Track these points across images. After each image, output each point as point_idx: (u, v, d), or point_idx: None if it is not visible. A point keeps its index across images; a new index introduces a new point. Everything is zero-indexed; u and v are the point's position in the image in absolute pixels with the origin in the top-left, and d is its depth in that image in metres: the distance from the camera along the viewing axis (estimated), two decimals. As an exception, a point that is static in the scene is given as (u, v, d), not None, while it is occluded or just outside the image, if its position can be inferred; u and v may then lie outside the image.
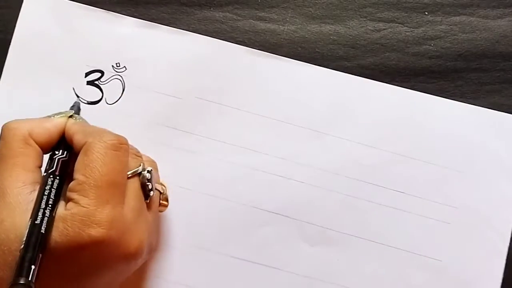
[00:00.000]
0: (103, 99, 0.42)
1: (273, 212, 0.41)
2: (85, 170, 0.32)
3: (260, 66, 0.42)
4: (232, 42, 0.42)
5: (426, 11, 0.43)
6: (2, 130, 0.35)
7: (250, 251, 0.40)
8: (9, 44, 0.42)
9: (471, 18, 0.43)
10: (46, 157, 0.36)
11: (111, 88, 0.42)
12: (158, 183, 0.37)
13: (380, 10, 0.43)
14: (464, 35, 0.42)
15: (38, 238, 0.31)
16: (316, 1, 0.43)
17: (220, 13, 0.43)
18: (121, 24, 0.42)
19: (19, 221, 0.31)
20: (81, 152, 0.33)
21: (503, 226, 0.40)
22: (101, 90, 0.42)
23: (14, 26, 0.42)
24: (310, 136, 0.41)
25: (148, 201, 0.35)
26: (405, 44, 0.42)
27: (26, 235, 0.31)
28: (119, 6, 0.42)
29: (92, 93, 0.42)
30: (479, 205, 0.40)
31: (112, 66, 0.42)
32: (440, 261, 0.40)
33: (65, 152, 0.35)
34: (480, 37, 0.42)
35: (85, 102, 0.42)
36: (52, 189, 0.33)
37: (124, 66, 0.42)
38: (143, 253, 0.34)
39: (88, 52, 0.42)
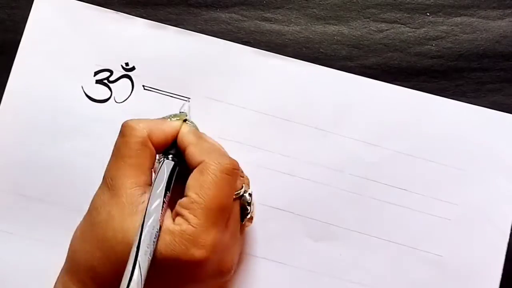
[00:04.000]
0: (112, 97, 0.44)
1: (278, 208, 0.43)
2: (199, 190, 0.34)
3: (265, 66, 0.44)
4: (238, 43, 0.44)
5: (428, 12, 0.45)
6: (122, 127, 0.37)
7: (255, 246, 0.43)
8: (19, 44, 0.44)
9: (472, 19, 0.45)
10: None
11: (120, 87, 0.44)
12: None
13: (383, 11, 0.45)
14: (465, 35, 0.45)
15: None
16: (320, 2, 0.45)
17: (226, 14, 0.45)
18: (130, 25, 0.45)
19: (128, 223, 0.33)
20: (196, 170, 0.35)
21: (503, 222, 0.43)
22: (110, 89, 0.45)
23: (24, 26, 0.45)
24: (314, 135, 0.44)
25: (243, 223, 0.38)
26: (407, 44, 0.45)
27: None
28: (128, 7, 0.45)
29: (101, 92, 0.44)
30: (479, 202, 0.43)
31: (121, 65, 0.45)
32: (441, 257, 0.42)
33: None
34: (481, 37, 0.44)
35: (94, 100, 0.45)
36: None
37: (133, 66, 0.45)
38: (232, 272, 0.37)
39: (97, 52, 0.45)
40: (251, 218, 0.40)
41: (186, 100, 0.44)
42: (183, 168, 0.36)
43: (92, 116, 0.44)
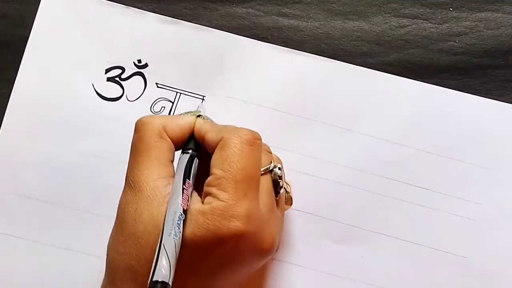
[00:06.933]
0: (124, 95, 0.45)
1: (297, 210, 0.43)
2: (222, 165, 0.35)
3: (283, 62, 0.45)
4: (255, 39, 0.45)
5: (451, 7, 0.45)
6: (136, 124, 0.37)
7: (274, 248, 0.43)
8: (28, 40, 0.45)
9: (496, 14, 0.45)
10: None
11: (132, 84, 0.45)
12: (284, 181, 0.40)
13: (405, 6, 0.45)
14: (489, 31, 0.45)
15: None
16: (340, -3, 0.46)
17: (243, 9, 0.45)
18: (142, 20, 0.45)
19: (156, 214, 0.34)
20: (217, 148, 0.36)
21: (529, 222, 0.43)
22: (121, 86, 0.45)
23: (33, 21, 0.45)
24: (334, 133, 0.44)
25: (277, 198, 0.38)
26: (429, 41, 0.45)
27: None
28: (140, 1, 0.45)
29: (113, 90, 0.45)
30: (505, 202, 0.43)
31: (134, 62, 0.45)
32: (464, 258, 0.43)
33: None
34: (506, 33, 0.45)
35: (105, 98, 0.45)
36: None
37: (146, 63, 0.45)
38: (274, 250, 0.37)
39: (108, 48, 0.45)
40: (291, 200, 0.41)
41: (201, 98, 0.44)
42: (204, 167, 0.37)
43: (103, 115, 0.45)
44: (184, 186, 0.34)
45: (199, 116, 0.39)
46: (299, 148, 0.44)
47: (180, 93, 0.45)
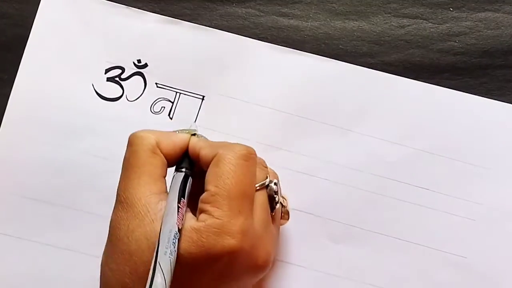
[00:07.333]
0: (124, 96, 0.45)
1: (297, 210, 0.43)
2: (217, 181, 0.34)
3: (283, 62, 0.45)
4: (255, 39, 0.45)
5: (451, 7, 0.45)
6: (130, 138, 0.37)
7: (274, 248, 0.43)
8: (27, 40, 0.45)
9: (497, 14, 0.45)
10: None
11: (132, 84, 0.45)
12: (281, 196, 0.40)
13: (405, 6, 0.45)
14: (489, 31, 0.45)
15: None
16: (340, -3, 0.46)
17: (243, 9, 0.46)
18: (142, 20, 0.45)
19: (149, 231, 0.33)
20: (212, 164, 0.35)
21: (528, 223, 0.43)
22: (121, 86, 0.45)
23: (33, 21, 0.45)
24: (334, 133, 0.44)
25: (273, 213, 0.38)
26: (429, 41, 0.45)
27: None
28: (140, 1, 0.45)
29: (113, 90, 0.45)
30: (505, 202, 0.43)
31: (133, 62, 0.45)
32: (465, 258, 0.43)
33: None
34: (506, 33, 0.45)
35: (105, 98, 0.45)
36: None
37: (146, 63, 0.45)
38: (269, 266, 0.37)
39: (108, 48, 0.45)
40: (287, 214, 0.41)
41: (201, 98, 0.44)
42: (197, 186, 0.37)
43: (103, 115, 0.45)
44: (179, 205, 0.34)
45: (194, 134, 0.39)
46: (299, 148, 0.44)
47: (180, 93, 0.45)
